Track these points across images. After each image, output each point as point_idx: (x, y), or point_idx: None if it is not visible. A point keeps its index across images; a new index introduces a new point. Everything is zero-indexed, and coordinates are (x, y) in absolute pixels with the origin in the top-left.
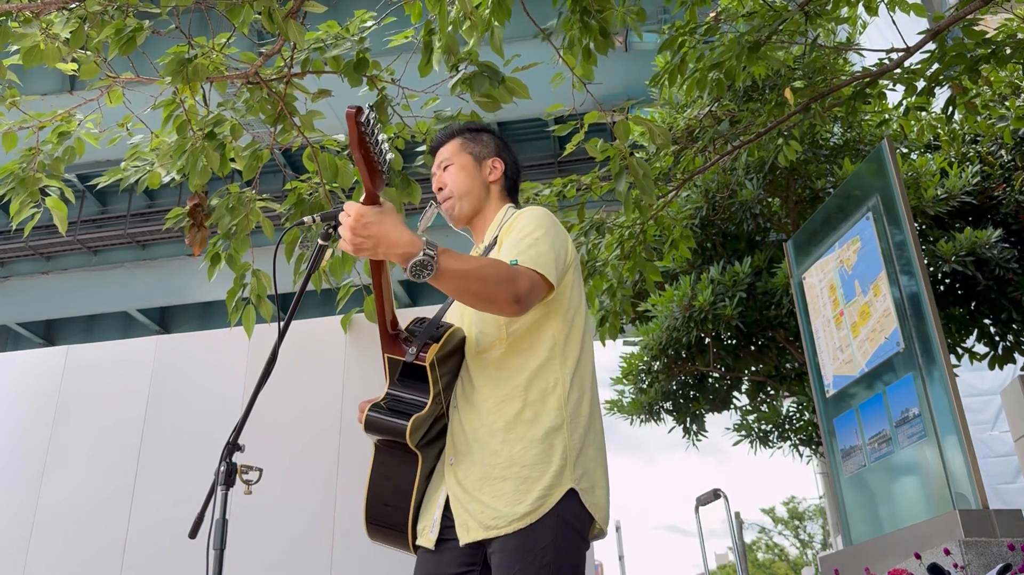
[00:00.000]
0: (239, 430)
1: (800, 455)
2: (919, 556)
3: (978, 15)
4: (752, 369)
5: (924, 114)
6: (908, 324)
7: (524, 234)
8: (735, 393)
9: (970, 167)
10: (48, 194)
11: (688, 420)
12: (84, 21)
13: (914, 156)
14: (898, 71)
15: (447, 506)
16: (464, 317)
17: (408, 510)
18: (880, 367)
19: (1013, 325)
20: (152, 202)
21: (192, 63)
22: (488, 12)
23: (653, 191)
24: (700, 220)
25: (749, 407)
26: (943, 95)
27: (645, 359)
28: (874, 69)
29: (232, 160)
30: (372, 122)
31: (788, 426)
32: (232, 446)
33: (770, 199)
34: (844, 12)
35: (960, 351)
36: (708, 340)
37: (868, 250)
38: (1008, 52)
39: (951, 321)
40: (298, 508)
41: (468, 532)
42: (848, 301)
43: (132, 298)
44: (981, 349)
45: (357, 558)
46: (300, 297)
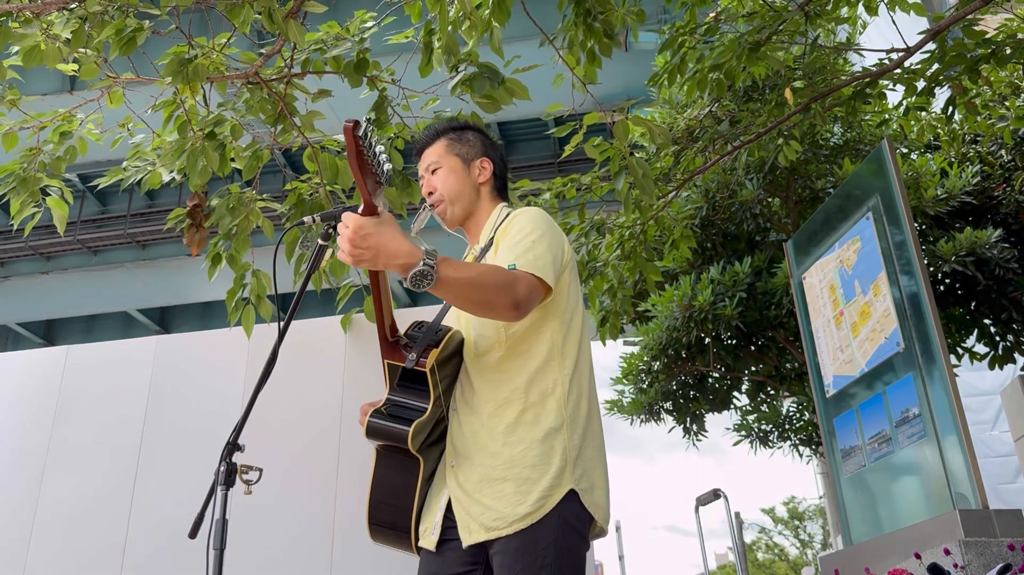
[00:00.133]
0: (239, 430)
1: (800, 455)
2: (919, 556)
3: (978, 15)
4: (752, 369)
5: (924, 114)
6: (908, 324)
7: (521, 237)
8: (735, 393)
9: (970, 167)
10: (48, 194)
11: (688, 420)
12: (84, 21)
13: (914, 156)
14: (898, 71)
15: (449, 508)
16: (462, 320)
17: (410, 512)
18: (880, 367)
19: (1013, 325)
20: (152, 202)
21: (192, 63)
22: (488, 13)
23: (653, 191)
24: (700, 220)
25: (749, 407)
26: (943, 95)
27: (645, 359)
28: (874, 69)
29: (232, 160)
30: (369, 135)
31: (788, 426)
32: (232, 446)
33: (770, 199)
34: (844, 12)
35: (960, 351)
36: (708, 340)
37: (868, 250)
38: (1008, 52)
39: (951, 321)
40: (298, 508)
41: (470, 534)
42: (848, 301)
43: (132, 298)
44: (981, 349)
45: (357, 558)
46: (300, 297)
